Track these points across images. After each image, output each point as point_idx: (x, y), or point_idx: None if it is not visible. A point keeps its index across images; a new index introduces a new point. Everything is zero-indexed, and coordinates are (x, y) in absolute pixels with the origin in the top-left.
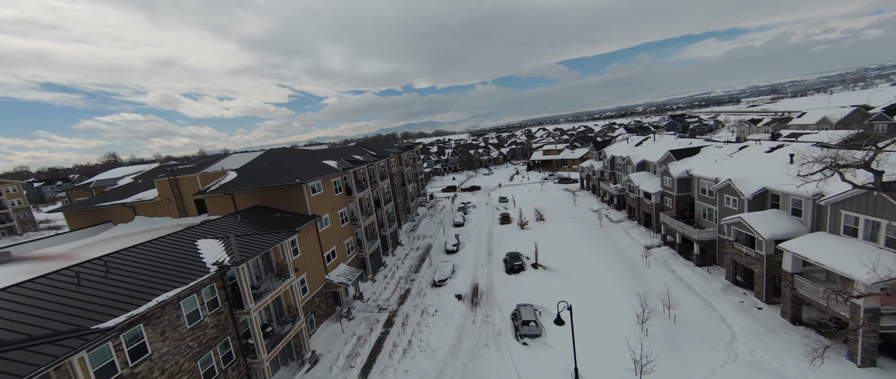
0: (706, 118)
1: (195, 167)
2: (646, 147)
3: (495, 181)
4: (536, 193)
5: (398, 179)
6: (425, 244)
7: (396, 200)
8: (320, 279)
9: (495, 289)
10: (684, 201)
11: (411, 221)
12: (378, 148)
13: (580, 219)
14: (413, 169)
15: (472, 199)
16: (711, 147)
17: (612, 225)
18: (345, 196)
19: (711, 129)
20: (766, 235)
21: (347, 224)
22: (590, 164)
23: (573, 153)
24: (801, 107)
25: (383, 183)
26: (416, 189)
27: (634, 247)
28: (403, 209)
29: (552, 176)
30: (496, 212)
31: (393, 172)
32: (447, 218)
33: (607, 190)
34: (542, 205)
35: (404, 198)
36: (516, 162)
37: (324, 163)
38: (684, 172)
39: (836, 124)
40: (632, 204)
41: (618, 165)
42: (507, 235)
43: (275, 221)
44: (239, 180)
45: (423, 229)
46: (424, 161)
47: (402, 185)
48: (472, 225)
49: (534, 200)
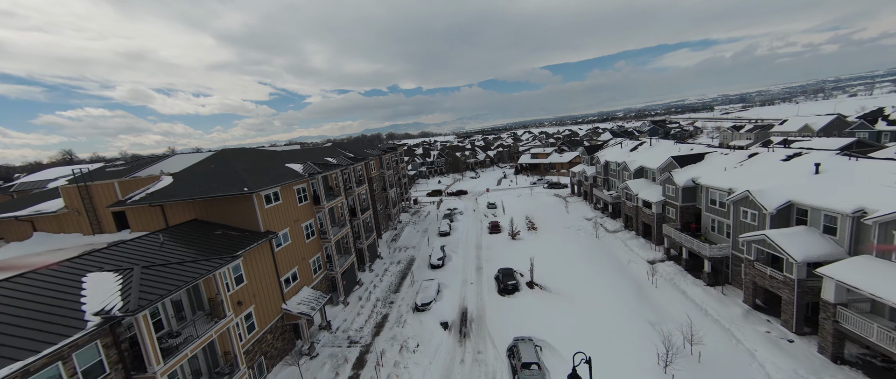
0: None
1: (128, 169)
2: (642, 153)
3: (483, 185)
4: (526, 199)
5: (379, 184)
6: (407, 257)
7: (376, 207)
8: (275, 310)
9: (487, 314)
10: (689, 212)
11: (393, 230)
12: (357, 149)
13: (574, 228)
14: (396, 172)
15: (459, 204)
16: (716, 154)
17: (609, 235)
18: (311, 206)
19: (691, 134)
20: (799, 256)
21: (314, 239)
22: (582, 170)
23: (561, 157)
24: (771, 115)
25: (360, 189)
26: (399, 194)
27: (636, 261)
28: (384, 217)
29: (541, 180)
30: (485, 219)
31: (372, 177)
32: (432, 226)
33: (601, 197)
34: (533, 212)
35: (385, 204)
36: (503, 165)
37: (287, 166)
38: (690, 181)
39: (818, 132)
40: (629, 213)
41: (612, 171)
42: (498, 246)
43: (214, 240)
44: (172, 188)
45: (405, 239)
46: (409, 163)
47: (383, 190)
48: (458, 234)
49: (524, 206)
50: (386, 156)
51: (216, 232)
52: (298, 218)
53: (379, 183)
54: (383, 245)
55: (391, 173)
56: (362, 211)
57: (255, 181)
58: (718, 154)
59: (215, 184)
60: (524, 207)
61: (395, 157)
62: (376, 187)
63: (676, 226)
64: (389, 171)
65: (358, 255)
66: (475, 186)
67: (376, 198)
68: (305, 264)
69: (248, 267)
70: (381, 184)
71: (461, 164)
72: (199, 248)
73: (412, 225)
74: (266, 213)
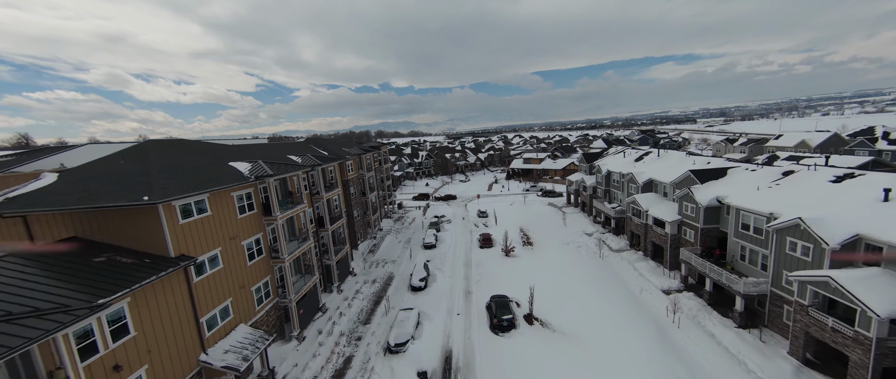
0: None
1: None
2: (650, 164)
3: (473, 190)
4: (519, 208)
5: (357, 187)
6: (385, 274)
7: (352, 214)
8: (186, 366)
9: (477, 362)
10: (711, 236)
11: (372, 239)
12: (335, 147)
13: (574, 245)
14: (378, 174)
15: (447, 210)
16: (740, 170)
17: (613, 255)
18: (260, 217)
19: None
20: (882, 310)
21: (262, 259)
22: (580, 179)
23: (555, 163)
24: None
25: (332, 194)
26: (382, 198)
27: (649, 290)
28: (362, 225)
29: (534, 187)
30: (475, 230)
31: (349, 179)
32: (416, 235)
33: (602, 210)
34: (528, 223)
35: (364, 210)
36: (494, 169)
37: (230, 166)
38: (714, 200)
39: (815, 148)
40: (636, 230)
41: (615, 182)
42: (490, 264)
43: (91, 271)
44: (45, 192)
45: (385, 251)
46: (395, 164)
47: (362, 194)
48: (445, 247)
49: (517, 216)
50: (367, 155)
51: (98, 258)
52: (237, 234)
53: (357, 186)
54: (359, 258)
55: (372, 175)
56: (333, 220)
57: (167, 186)
58: (743, 170)
59: (108, 187)
60: (518, 217)
61: (378, 157)
62: (354, 191)
63: (696, 251)
64: (370, 173)
65: (324, 273)
66: (465, 191)
67: (354, 203)
68: (245, 294)
69: (143, 310)
70: (359, 187)
71: (451, 167)
72: (66, 282)
73: (394, 233)
74: (181, 230)
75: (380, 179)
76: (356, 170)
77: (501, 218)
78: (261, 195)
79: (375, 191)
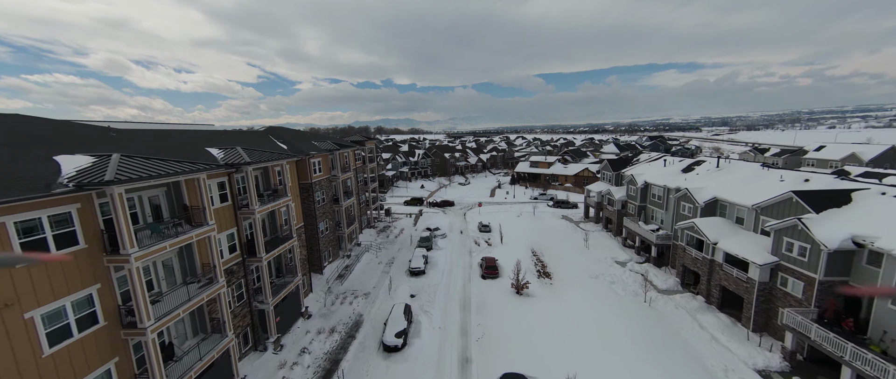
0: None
1: None
2: (708, 177)
3: (473, 195)
4: (528, 221)
5: (326, 192)
6: (351, 317)
7: (316, 229)
8: None
9: None
10: (832, 292)
11: (345, 257)
12: (299, 139)
13: (606, 279)
14: (362, 174)
15: (443, 221)
16: (872, 192)
17: (663, 299)
18: (93, 255)
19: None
20: None
21: (103, 330)
22: (605, 190)
23: (566, 169)
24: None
25: (275, 205)
26: (365, 204)
27: (737, 370)
28: (330, 241)
29: (544, 195)
30: (476, 250)
31: (313, 182)
32: (402, 254)
33: (637, 232)
34: (542, 243)
35: (334, 223)
36: (497, 171)
37: (54, 159)
38: (847, 240)
39: (868, 162)
40: (692, 266)
41: (655, 198)
42: (496, 307)
43: None
44: None
45: (358, 277)
46: (389, 162)
47: (335, 201)
48: (437, 274)
49: (527, 232)
50: (344, 152)
51: None
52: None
53: (326, 191)
54: (321, 289)
55: (351, 176)
56: (277, 243)
57: None
58: (878, 194)
59: None
60: (528, 235)
61: (363, 154)
62: (323, 198)
63: (809, 314)
64: (347, 174)
65: (256, 323)
66: (464, 196)
67: (320, 214)
68: None
69: None
70: (329, 192)
71: (450, 167)
72: None
73: (375, 251)
74: None
75: (363, 181)
76: (326, 170)
77: (509, 234)
78: (98, 220)
79: (354, 196)
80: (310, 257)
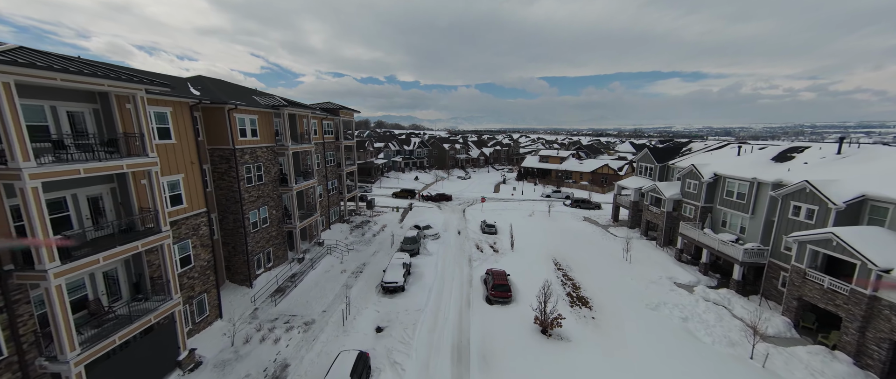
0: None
1: None
2: (828, 167)
3: (474, 190)
4: (543, 222)
5: (265, 169)
6: (270, 372)
7: (240, 221)
8: None
9: None
10: None
11: (295, 261)
12: (237, 90)
13: (671, 311)
14: (335, 154)
15: (437, 218)
16: None
17: (779, 354)
18: None
19: None
20: None
21: None
22: (650, 187)
23: (581, 165)
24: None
25: (115, 168)
26: (334, 192)
27: None
28: (270, 240)
29: (557, 192)
30: (478, 258)
31: (245, 149)
32: (376, 260)
33: (703, 243)
34: (565, 252)
35: (279, 213)
36: (500, 167)
37: None
38: None
39: None
40: (830, 305)
41: (730, 196)
42: (511, 356)
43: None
44: None
45: (304, 294)
46: (381, 151)
47: (281, 181)
48: (422, 293)
49: (543, 236)
50: (301, 114)
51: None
52: None
53: (267, 166)
54: (236, 314)
55: (311, 150)
56: (109, 241)
57: None
58: None
59: None
60: (545, 239)
61: (333, 126)
62: (258, 174)
63: None
64: (303, 147)
65: None
66: (464, 190)
67: (249, 198)
68: None
69: None
70: (272, 168)
71: (449, 160)
72: None
73: (340, 254)
74: None
75: (335, 162)
76: (266, 135)
77: (520, 237)
78: None
79: (315, 178)
80: (229, 263)
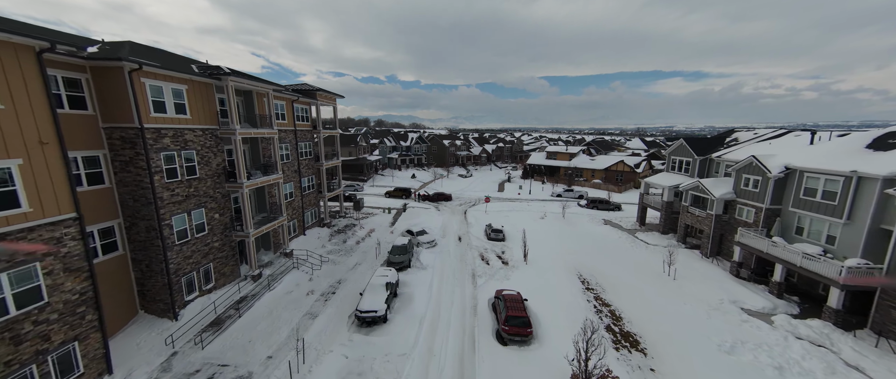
0: None
1: None
2: None
3: (477, 189)
4: (556, 226)
5: (203, 157)
6: None
7: (155, 230)
8: None
9: None
10: None
11: (249, 279)
12: (160, 54)
13: (756, 355)
14: (309, 142)
15: (434, 220)
16: None
17: None
18: None
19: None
20: None
21: None
22: (692, 185)
23: (592, 162)
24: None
25: None
26: (311, 191)
27: None
28: (209, 253)
29: (569, 191)
30: (483, 272)
31: (161, 130)
32: (356, 276)
33: (771, 255)
34: (591, 265)
35: (226, 218)
36: (502, 164)
37: None
38: None
39: None
40: None
41: (810, 197)
42: None
43: None
44: None
45: (249, 327)
46: (376, 147)
47: (227, 176)
48: (411, 326)
49: (560, 243)
50: (255, 88)
51: None
52: None
53: (203, 154)
54: (143, 361)
55: (274, 136)
56: None
57: None
58: None
59: None
60: (563, 248)
61: (307, 110)
62: (191, 165)
63: None
64: (263, 132)
65: None
66: (465, 189)
67: (172, 198)
68: None
69: None
70: (214, 158)
71: (449, 157)
72: None
73: (311, 268)
74: None
75: (312, 155)
76: (204, 115)
77: (535, 245)
78: None
79: (278, 172)
80: (142, 287)
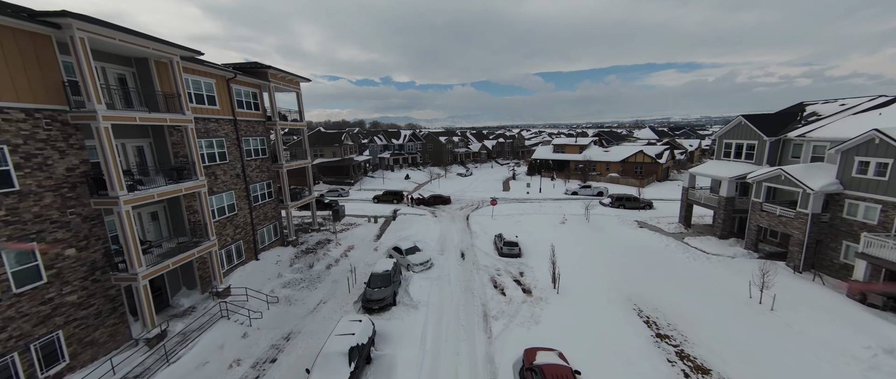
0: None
1: None
2: None
3: (479, 189)
4: (582, 232)
5: (33, 162)
6: None
7: None
8: None
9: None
10: None
11: (143, 342)
12: None
13: None
14: (263, 136)
15: (430, 230)
16: None
17: None
18: None
19: None
20: None
21: None
22: (773, 174)
23: (607, 154)
24: None
25: None
26: (269, 200)
27: None
28: (80, 311)
29: (586, 188)
30: (500, 310)
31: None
32: (317, 321)
33: None
34: (644, 289)
35: (88, 255)
36: (504, 161)
37: None
38: None
39: None
40: None
41: None
42: None
43: None
44: None
45: None
46: (365, 147)
47: (94, 186)
48: None
49: (592, 256)
50: (156, 51)
51: None
52: None
53: (53, 155)
54: None
55: (190, 129)
56: None
57: None
58: None
59: None
60: (599, 263)
61: (255, 92)
62: (15, 185)
63: None
64: (175, 119)
65: None
66: (466, 190)
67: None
68: None
69: None
70: (73, 165)
71: (446, 155)
72: None
73: (249, 315)
74: None
75: (269, 154)
76: (35, 92)
77: (563, 263)
78: None
79: (197, 178)
80: None
